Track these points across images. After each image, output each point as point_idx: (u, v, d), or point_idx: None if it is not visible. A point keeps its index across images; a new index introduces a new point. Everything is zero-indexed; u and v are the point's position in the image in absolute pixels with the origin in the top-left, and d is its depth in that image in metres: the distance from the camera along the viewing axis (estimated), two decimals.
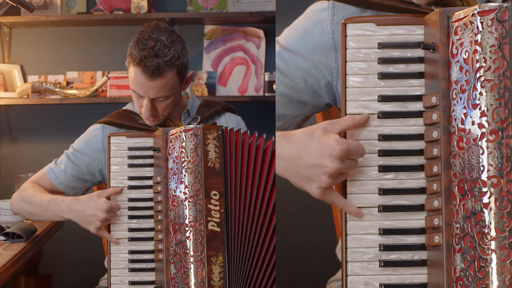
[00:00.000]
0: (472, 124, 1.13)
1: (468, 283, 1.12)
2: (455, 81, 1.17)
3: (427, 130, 1.22)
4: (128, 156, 1.85)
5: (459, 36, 1.17)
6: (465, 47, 1.15)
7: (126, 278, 1.82)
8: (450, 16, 1.19)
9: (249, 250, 1.78)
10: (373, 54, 1.27)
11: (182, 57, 1.91)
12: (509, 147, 1.10)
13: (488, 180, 1.10)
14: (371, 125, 1.26)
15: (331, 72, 1.46)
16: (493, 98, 1.11)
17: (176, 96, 1.97)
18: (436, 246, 1.19)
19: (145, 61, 1.83)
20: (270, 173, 1.82)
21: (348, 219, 1.26)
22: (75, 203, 1.88)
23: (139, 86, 1.89)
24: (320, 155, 1.24)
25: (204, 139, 1.74)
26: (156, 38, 1.87)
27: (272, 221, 1.81)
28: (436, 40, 1.21)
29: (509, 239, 1.08)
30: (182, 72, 1.93)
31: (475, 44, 1.13)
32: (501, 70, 1.11)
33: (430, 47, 1.22)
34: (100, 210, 1.82)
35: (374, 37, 1.27)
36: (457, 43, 1.17)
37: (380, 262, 1.24)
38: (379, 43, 1.27)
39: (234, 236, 1.76)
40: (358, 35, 1.28)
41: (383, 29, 1.28)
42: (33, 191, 2.02)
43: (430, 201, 1.21)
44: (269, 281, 1.80)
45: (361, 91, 1.27)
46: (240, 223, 1.77)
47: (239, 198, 1.78)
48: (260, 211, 1.80)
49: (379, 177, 1.26)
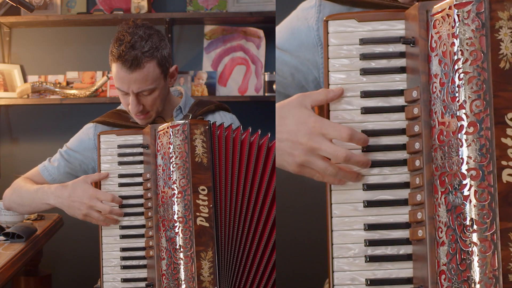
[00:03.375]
0: (452, 117, 1.13)
1: (451, 276, 1.11)
2: (434, 74, 1.17)
3: (409, 125, 1.22)
4: (118, 154, 1.85)
5: (437, 29, 1.17)
6: (443, 40, 1.15)
7: (119, 276, 1.82)
8: (429, 10, 1.19)
9: (241, 245, 1.77)
10: (355, 50, 1.27)
11: (161, 49, 1.92)
12: (488, 139, 1.10)
13: (468, 172, 1.10)
14: (354, 121, 1.27)
15: (317, 69, 1.47)
16: (471, 90, 1.11)
17: (162, 90, 1.97)
18: (420, 240, 1.19)
19: (123, 54, 1.85)
20: (266, 168, 1.82)
21: (333, 215, 1.26)
22: (62, 189, 1.89)
23: (121, 81, 1.90)
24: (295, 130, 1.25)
25: (191, 134, 1.74)
26: (132, 32, 1.89)
27: (269, 216, 1.80)
28: (415, 35, 1.21)
29: (489, 231, 1.08)
30: (164, 64, 1.93)
31: (452, 37, 1.13)
32: (478, 62, 1.11)
33: (410, 42, 1.22)
34: (87, 197, 1.82)
35: (355, 33, 1.28)
36: (436, 37, 1.17)
37: (366, 258, 1.24)
38: (361, 39, 1.27)
39: (224, 231, 1.75)
40: (340, 32, 1.28)
41: (365, 25, 1.28)
42: (23, 183, 2.05)
43: (413, 195, 1.21)
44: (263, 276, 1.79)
45: (343, 87, 1.27)
46: (231, 218, 1.77)
47: (229, 193, 1.78)
48: (255, 207, 1.79)
49: (363, 173, 1.26)
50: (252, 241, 1.79)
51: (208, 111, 2.10)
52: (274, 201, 1.81)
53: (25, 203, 2.03)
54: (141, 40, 1.88)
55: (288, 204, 2.92)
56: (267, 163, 1.82)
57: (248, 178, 1.80)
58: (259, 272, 1.78)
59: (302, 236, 3.18)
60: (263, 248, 1.79)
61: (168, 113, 2.08)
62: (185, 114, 2.05)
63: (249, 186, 1.80)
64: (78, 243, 3.33)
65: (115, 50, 1.87)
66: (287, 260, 2.91)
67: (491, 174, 1.09)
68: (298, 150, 1.25)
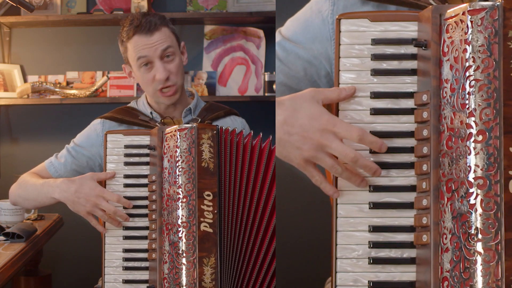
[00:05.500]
0: (461, 123, 1.12)
1: (454, 284, 1.11)
2: (445, 79, 1.16)
3: (418, 128, 1.21)
4: (124, 154, 1.84)
5: (450, 34, 1.15)
6: (455, 46, 1.14)
7: (120, 277, 1.81)
8: (443, 14, 1.18)
9: (243, 252, 1.77)
10: (366, 50, 1.26)
11: (169, 24, 2.02)
12: (496, 148, 1.09)
13: (475, 181, 1.10)
14: (363, 121, 1.26)
15: (330, 63, 1.46)
16: (481, 98, 1.10)
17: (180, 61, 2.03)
18: (424, 245, 1.18)
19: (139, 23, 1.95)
20: (267, 174, 1.81)
21: (338, 215, 1.26)
22: (68, 184, 1.87)
23: (143, 48, 1.96)
24: (307, 124, 1.24)
25: (199, 138, 1.73)
26: (139, 12, 2.03)
27: (270, 223, 1.80)
28: (428, 38, 1.20)
29: (494, 240, 1.08)
30: (176, 34, 2.03)
31: (464, 43, 1.12)
32: (490, 70, 1.10)
33: (422, 45, 1.21)
34: (93, 194, 1.81)
35: (367, 33, 1.26)
36: (448, 41, 1.16)
37: (369, 259, 1.23)
38: (373, 39, 1.26)
39: (228, 237, 1.75)
40: (352, 31, 1.27)
41: (377, 25, 1.26)
42: (29, 178, 2.05)
43: (419, 199, 1.20)
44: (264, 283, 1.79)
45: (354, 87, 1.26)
46: (234, 224, 1.76)
47: (233, 199, 1.77)
48: (256, 212, 1.79)
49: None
50: (252, 247, 1.78)
51: (218, 118, 2.11)
52: (275, 207, 1.81)
53: (30, 197, 2.02)
54: (149, 15, 1.99)
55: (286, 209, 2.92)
56: (268, 168, 1.82)
57: (250, 183, 1.79)
58: (259, 279, 1.78)
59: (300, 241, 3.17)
60: (264, 254, 1.79)
61: (178, 113, 2.09)
62: (193, 117, 2.05)
63: (250, 192, 1.79)
64: (78, 243, 3.33)
65: (128, 27, 1.95)
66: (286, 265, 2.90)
67: (498, 183, 1.08)
68: (307, 145, 1.24)
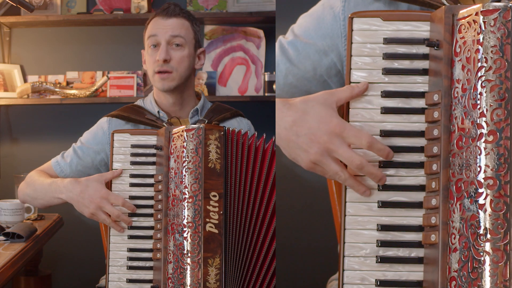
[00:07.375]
0: (472, 124, 1.12)
1: (462, 283, 1.11)
2: (457, 79, 1.16)
3: (428, 128, 1.22)
4: (131, 154, 1.84)
5: (463, 34, 1.16)
6: (467, 46, 1.14)
7: (124, 276, 1.81)
8: (455, 14, 1.18)
9: (248, 253, 1.77)
10: (378, 49, 1.26)
11: (193, 20, 2.08)
12: (507, 149, 1.09)
13: (485, 181, 1.10)
14: (373, 120, 1.26)
15: (341, 60, 1.46)
16: (493, 98, 1.10)
17: (190, 57, 2.05)
18: (432, 244, 1.18)
19: (165, 8, 2.04)
20: (269, 174, 1.82)
21: (347, 213, 1.26)
22: (74, 184, 1.88)
23: (156, 28, 2.03)
24: (316, 127, 1.24)
25: (206, 139, 1.73)
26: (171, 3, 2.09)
27: (271, 224, 1.80)
28: (440, 38, 1.20)
29: (503, 241, 1.08)
30: (196, 31, 2.07)
31: (477, 44, 1.12)
32: (502, 70, 1.10)
33: (434, 44, 1.21)
34: (98, 196, 1.82)
35: (380, 32, 1.27)
36: (461, 42, 1.16)
37: (377, 258, 1.23)
38: (385, 39, 1.26)
39: (233, 238, 1.75)
40: (364, 30, 1.27)
41: (389, 24, 1.27)
42: (37, 177, 2.05)
43: (428, 199, 1.20)
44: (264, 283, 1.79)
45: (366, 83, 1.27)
46: (239, 225, 1.76)
47: (238, 200, 1.77)
48: (259, 214, 1.79)
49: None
50: (254, 247, 1.78)
51: (224, 119, 2.11)
52: (275, 209, 1.81)
53: (38, 196, 2.03)
54: (178, 6, 2.07)
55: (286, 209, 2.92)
56: (271, 169, 1.82)
57: (253, 184, 1.80)
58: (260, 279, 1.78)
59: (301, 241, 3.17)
60: (265, 254, 1.79)
61: (185, 113, 2.09)
62: (200, 118, 2.05)
63: (254, 193, 1.80)
64: (78, 243, 3.34)
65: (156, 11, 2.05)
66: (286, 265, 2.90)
67: (508, 184, 1.09)
68: (314, 148, 1.25)
